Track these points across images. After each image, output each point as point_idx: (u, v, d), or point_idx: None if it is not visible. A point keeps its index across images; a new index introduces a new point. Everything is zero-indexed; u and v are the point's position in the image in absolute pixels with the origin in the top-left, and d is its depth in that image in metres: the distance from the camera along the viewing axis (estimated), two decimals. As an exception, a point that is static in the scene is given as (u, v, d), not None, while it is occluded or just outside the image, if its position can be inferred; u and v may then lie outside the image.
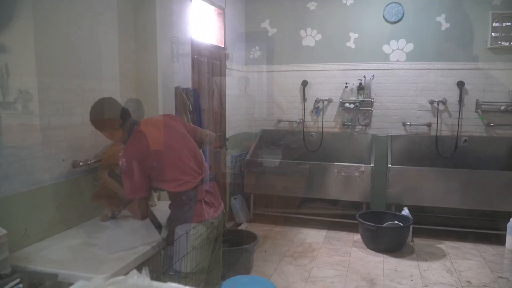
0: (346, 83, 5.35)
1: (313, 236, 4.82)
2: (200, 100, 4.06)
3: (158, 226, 2.42)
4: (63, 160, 2.52)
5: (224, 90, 5.01)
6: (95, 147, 2.81)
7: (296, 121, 5.65)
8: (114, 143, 2.69)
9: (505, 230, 4.45)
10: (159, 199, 3.19)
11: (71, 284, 1.25)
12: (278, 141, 5.71)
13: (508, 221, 4.40)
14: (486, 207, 4.63)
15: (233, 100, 5.32)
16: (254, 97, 5.78)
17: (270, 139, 5.74)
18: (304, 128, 5.61)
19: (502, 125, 4.99)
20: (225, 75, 4.99)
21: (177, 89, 3.68)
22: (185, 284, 2.28)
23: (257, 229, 4.87)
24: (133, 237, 2.43)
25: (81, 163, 2.60)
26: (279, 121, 5.73)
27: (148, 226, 2.65)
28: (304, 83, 5.53)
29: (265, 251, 4.36)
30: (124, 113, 2.37)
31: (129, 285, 1.05)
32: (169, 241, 2.29)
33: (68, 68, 2.56)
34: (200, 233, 2.28)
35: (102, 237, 2.45)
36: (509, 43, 4.83)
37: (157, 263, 2.41)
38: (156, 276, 2.36)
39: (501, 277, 3.79)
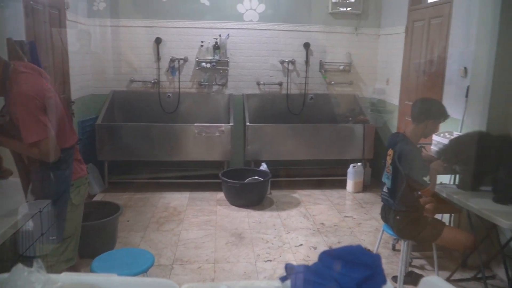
0: (202, 42, 5.23)
1: (177, 199, 4.73)
2: (38, 56, 3.45)
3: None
4: None
5: (66, 45, 4.38)
6: None
7: (150, 82, 5.32)
8: None
9: (346, 175, 5.08)
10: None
11: None
12: (131, 103, 5.32)
13: (348, 167, 5.04)
14: (330, 157, 5.20)
15: (77, 58, 4.71)
16: (100, 54, 5.21)
17: (122, 101, 5.31)
18: (160, 89, 5.33)
19: (340, 83, 5.58)
20: (66, 28, 4.34)
21: (9, 41, 3.04)
22: (67, 247, 2.16)
23: (115, 198, 4.52)
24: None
25: None
26: (132, 81, 5.32)
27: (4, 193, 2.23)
28: (158, 41, 5.20)
29: (127, 221, 4.11)
30: None
31: (17, 286, 0.80)
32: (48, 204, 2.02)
33: None
34: (79, 190, 2.21)
35: None
36: (346, 9, 5.34)
37: (27, 234, 2.05)
38: (26, 246, 2.04)
39: (347, 216, 4.33)
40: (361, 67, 5.56)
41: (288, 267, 1.01)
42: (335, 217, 4.30)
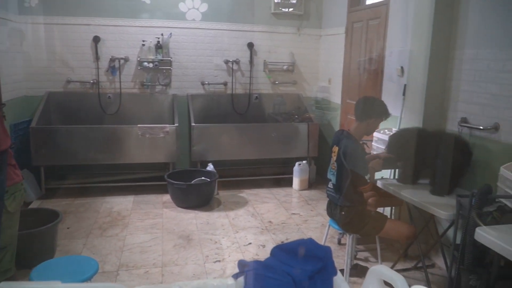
0: (143, 41, 5.08)
1: (120, 203, 4.55)
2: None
3: None
4: None
5: (-6, 43, 4.08)
6: None
7: (89, 82, 5.08)
8: None
9: (292, 173, 5.16)
10: None
11: None
12: (69, 104, 5.06)
13: (294, 165, 5.12)
14: (276, 156, 5.24)
15: (8, 57, 4.40)
16: (34, 54, 4.90)
17: (59, 102, 5.03)
18: (100, 90, 5.11)
19: (285, 82, 5.66)
20: (-6, 25, 4.05)
21: None
22: (3, 257, 2.03)
23: (54, 205, 4.29)
24: None
25: None
26: (69, 81, 5.05)
27: None
28: (96, 39, 4.99)
29: (68, 228, 3.89)
30: None
31: None
32: None
33: None
34: (14, 197, 2.10)
35: None
36: (288, 10, 5.42)
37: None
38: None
39: (294, 214, 4.40)
40: (304, 67, 5.68)
41: (241, 264, 0.99)
42: (283, 215, 4.35)
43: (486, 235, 1.95)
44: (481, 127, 2.85)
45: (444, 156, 2.81)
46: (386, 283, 1.05)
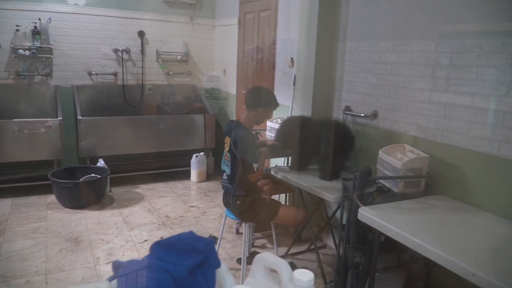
0: (18, 26, 4.54)
1: (-5, 208, 4.06)
2: None
3: None
4: None
5: None
6: None
7: (-50, 71, 4.42)
8: None
9: (190, 166, 5.07)
10: None
11: None
12: None
13: (191, 158, 5.03)
14: (172, 148, 5.09)
15: None
16: None
17: None
18: (-36, 80, 4.47)
19: (179, 73, 5.52)
20: None
21: None
22: None
23: None
24: None
25: None
26: None
27: None
28: (-43, 22, 4.34)
29: None
30: None
31: None
32: None
33: None
34: None
35: None
36: (181, -2, 5.28)
37: None
38: None
39: (192, 206, 4.33)
40: (199, 58, 5.59)
41: (115, 265, 0.91)
42: (180, 208, 4.25)
43: (367, 214, 2.08)
44: (362, 115, 3.06)
45: (327, 142, 2.96)
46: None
